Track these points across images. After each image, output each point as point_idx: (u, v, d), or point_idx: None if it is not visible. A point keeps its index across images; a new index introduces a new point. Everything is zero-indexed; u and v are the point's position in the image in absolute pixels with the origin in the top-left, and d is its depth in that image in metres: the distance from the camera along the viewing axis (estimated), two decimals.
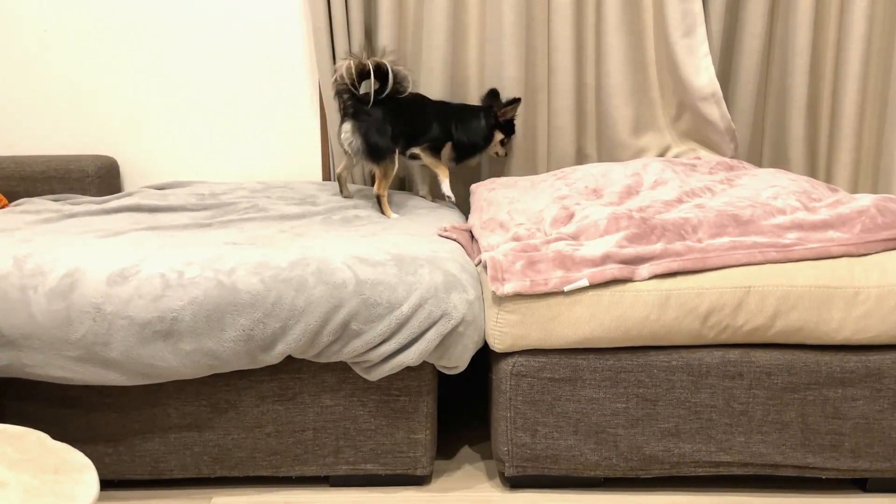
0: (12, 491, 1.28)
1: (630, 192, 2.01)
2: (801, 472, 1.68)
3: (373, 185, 2.20)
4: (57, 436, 1.63)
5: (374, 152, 2.12)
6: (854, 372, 1.62)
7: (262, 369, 1.65)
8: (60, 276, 1.57)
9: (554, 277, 1.60)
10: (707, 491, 1.71)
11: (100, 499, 1.67)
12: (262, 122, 2.62)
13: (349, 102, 2.13)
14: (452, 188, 2.28)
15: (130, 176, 2.62)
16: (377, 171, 2.15)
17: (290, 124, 2.62)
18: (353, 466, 1.71)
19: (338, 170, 2.34)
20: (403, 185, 2.57)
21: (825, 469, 1.67)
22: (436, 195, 2.40)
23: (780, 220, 1.74)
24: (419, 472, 1.72)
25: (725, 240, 1.68)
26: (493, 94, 2.41)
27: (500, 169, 2.58)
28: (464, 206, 2.45)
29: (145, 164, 2.61)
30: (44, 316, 1.53)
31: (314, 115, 2.61)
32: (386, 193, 2.15)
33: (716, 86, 2.42)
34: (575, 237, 1.74)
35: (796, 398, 1.64)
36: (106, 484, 1.70)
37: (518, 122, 2.46)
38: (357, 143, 2.11)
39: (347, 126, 2.13)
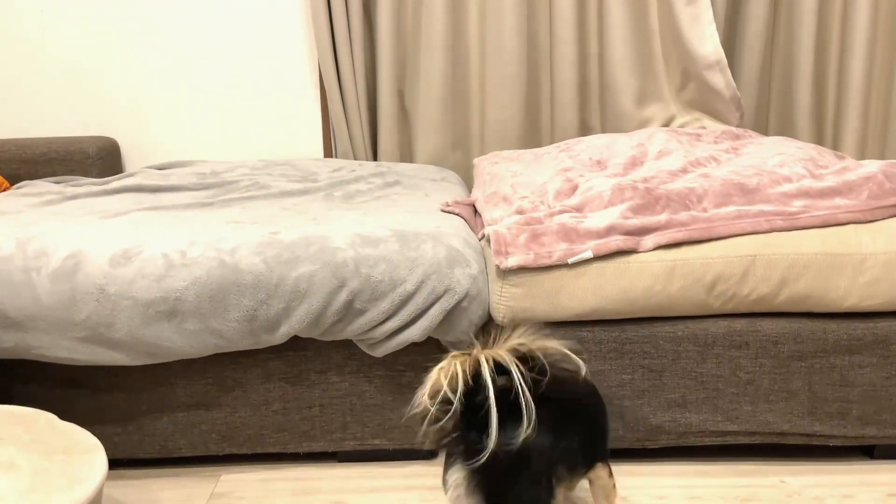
0: (23, 472, 1.29)
1: (634, 162, 1.99)
2: (808, 441, 1.67)
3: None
4: (66, 417, 1.64)
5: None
6: (861, 339, 1.62)
7: (267, 347, 1.65)
8: (63, 258, 1.57)
9: (558, 250, 1.59)
10: (714, 460, 1.71)
11: (109, 478, 1.69)
12: (263, 101, 2.60)
13: (455, 431, 1.21)
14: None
15: (131, 157, 2.61)
16: None
17: (290, 102, 2.60)
18: (360, 442, 1.71)
19: None
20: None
21: (832, 437, 1.67)
22: None
23: (787, 187, 1.72)
24: (426, 447, 1.72)
25: (731, 209, 1.66)
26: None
27: (502, 143, 2.56)
28: (468, 181, 2.45)
29: (146, 145, 2.61)
30: (48, 297, 1.53)
31: (314, 92, 2.59)
32: None
33: (721, 54, 2.39)
34: (579, 209, 1.73)
35: (803, 366, 1.63)
36: (115, 463, 1.72)
37: (520, 95, 2.43)
38: None
39: (457, 476, 1.19)
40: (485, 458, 1.14)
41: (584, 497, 1.45)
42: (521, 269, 1.59)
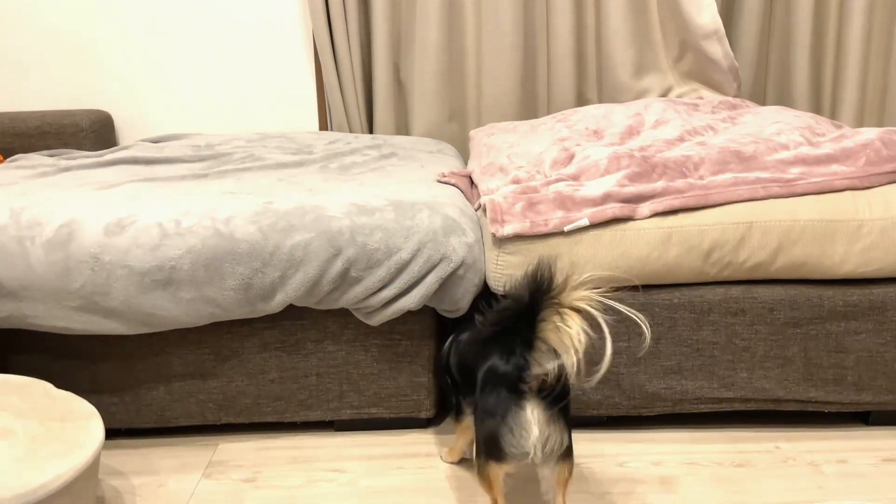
0: (19, 438, 1.30)
1: (631, 132, 1.98)
2: (803, 407, 1.68)
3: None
4: (62, 387, 1.65)
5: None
6: (857, 305, 1.62)
7: (263, 317, 1.65)
8: (57, 227, 1.56)
9: (554, 218, 1.59)
10: (710, 427, 1.72)
11: (107, 447, 1.69)
12: (258, 74, 2.58)
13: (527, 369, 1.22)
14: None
15: (125, 130, 2.59)
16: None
17: (284, 75, 2.58)
18: (357, 411, 1.72)
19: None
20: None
21: (828, 403, 1.67)
22: None
23: (784, 155, 1.71)
24: (423, 415, 1.73)
25: (727, 176, 1.66)
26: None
27: (498, 116, 2.54)
28: (464, 155, 2.43)
29: (140, 118, 2.59)
30: (42, 267, 1.53)
31: (309, 65, 2.57)
32: None
33: (718, 23, 2.37)
34: (575, 178, 1.72)
35: (799, 333, 1.63)
36: (112, 433, 1.72)
37: (517, 67, 2.41)
38: (557, 437, 1.25)
39: (538, 413, 1.23)
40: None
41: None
42: (517, 238, 1.59)
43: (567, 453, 1.27)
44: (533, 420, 1.22)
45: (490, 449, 1.25)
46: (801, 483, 1.51)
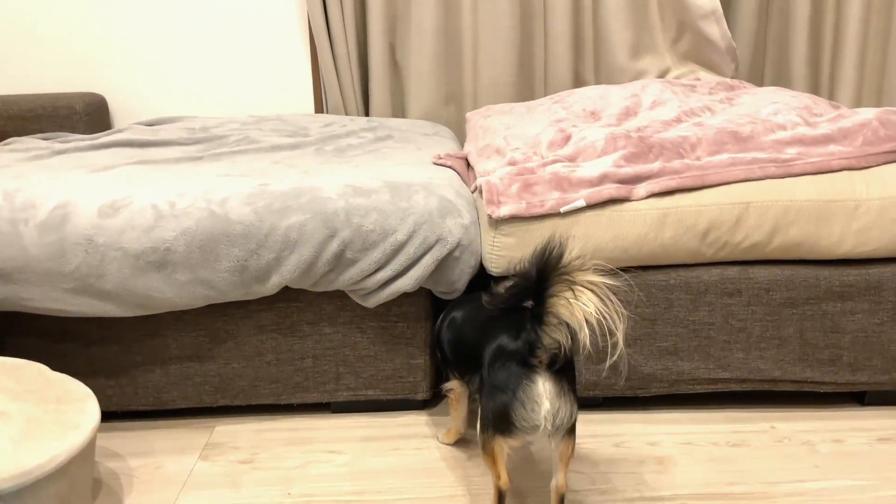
0: (15, 420, 1.29)
1: (628, 113, 1.97)
2: (799, 387, 1.68)
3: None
4: (58, 370, 1.64)
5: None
6: (853, 286, 1.62)
7: (259, 299, 1.65)
8: (51, 209, 1.55)
9: (550, 199, 1.58)
10: (706, 407, 1.72)
11: (104, 430, 1.69)
12: (253, 56, 2.56)
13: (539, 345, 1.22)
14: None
15: (120, 113, 2.58)
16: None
17: (279, 57, 2.56)
18: (353, 392, 1.72)
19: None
20: None
21: (823, 383, 1.68)
22: None
23: (781, 135, 1.70)
24: (419, 397, 1.73)
25: (724, 156, 1.65)
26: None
27: (495, 98, 2.53)
28: (461, 138, 2.42)
29: (134, 101, 2.57)
30: (37, 249, 1.52)
31: (304, 47, 2.55)
32: None
33: (716, 4, 2.36)
34: (572, 159, 1.71)
35: (795, 313, 1.63)
36: (109, 416, 1.73)
37: (514, 49, 2.40)
38: (567, 410, 1.26)
39: (549, 386, 1.24)
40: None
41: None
42: (514, 219, 1.58)
43: (573, 428, 1.28)
44: (545, 393, 1.23)
45: (499, 423, 1.25)
46: (797, 462, 1.52)
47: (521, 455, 1.55)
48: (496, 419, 1.26)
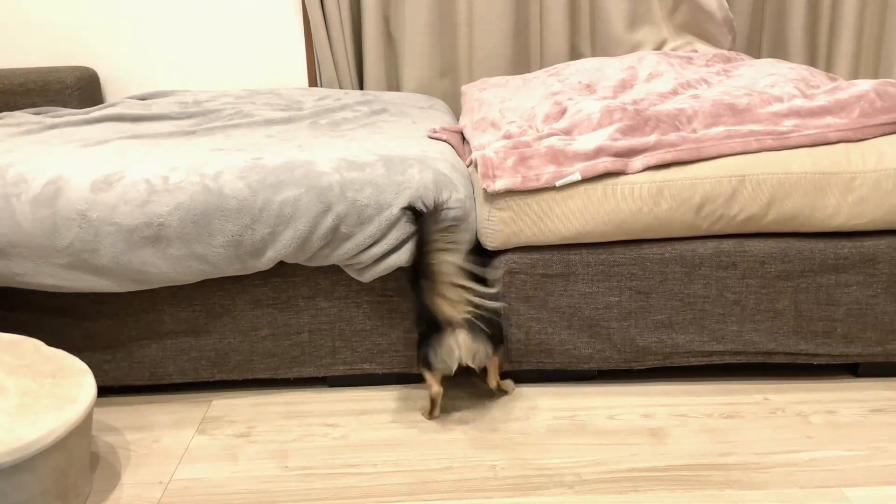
0: (11, 394, 1.30)
1: (625, 85, 1.96)
2: (793, 359, 1.69)
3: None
4: (54, 345, 1.65)
5: (497, 340, 1.59)
6: (848, 258, 1.62)
7: (254, 274, 1.64)
8: (44, 184, 1.54)
9: (546, 173, 1.58)
10: (700, 380, 1.73)
11: (100, 404, 1.70)
12: (246, 29, 2.53)
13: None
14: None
15: (111, 87, 2.55)
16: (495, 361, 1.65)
17: (272, 29, 2.53)
18: (349, 367, 1.73)
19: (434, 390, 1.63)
20: None
21: (817, 355, 1.69)
22: None
23: (777, 107, 1.70)
24: (415, 371, 1.73)
25: (721, 129, 1.64)
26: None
27: (490, 71, 2.51)
28: (456, 111, 2.40)
29: (126, 75, 2.55)
30: (29, 224, 1.51)
31: (297, 19, 2.52)
32: None
33: None
34: (567, 132, 1.70)
35: (789, 286, 1.64)
36: (105, 390, 1.73)
37: (509, 21, 2.37)
38: (483, 351, 1.55)
39: (462, 338, 1.52)
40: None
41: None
42: (509, 193, 1.58)
43: (493, 354, 1.57)
44: (456, 345, 1.52)
45: (425, 363, 1.56)
46: (790, 433, 1.53)
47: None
48: (422, 361, 1.56)
